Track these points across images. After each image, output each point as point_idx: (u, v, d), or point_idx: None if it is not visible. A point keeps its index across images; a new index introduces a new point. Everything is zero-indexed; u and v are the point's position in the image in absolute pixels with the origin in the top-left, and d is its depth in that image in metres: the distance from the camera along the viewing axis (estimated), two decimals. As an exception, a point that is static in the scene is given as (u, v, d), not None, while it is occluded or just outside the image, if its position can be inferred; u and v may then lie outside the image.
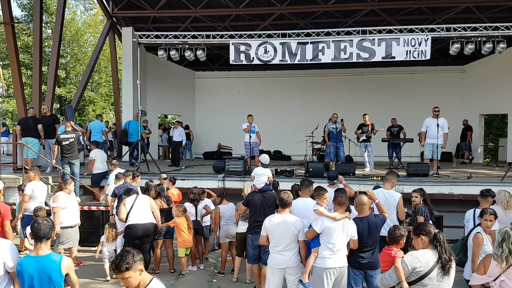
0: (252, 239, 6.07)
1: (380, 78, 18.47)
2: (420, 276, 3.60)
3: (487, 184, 9.72)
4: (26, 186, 7.89)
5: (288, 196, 5.13)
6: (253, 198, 6.11)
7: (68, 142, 9.54)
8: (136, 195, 6.98)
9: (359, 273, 4.93)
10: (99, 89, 30.86)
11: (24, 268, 3.59)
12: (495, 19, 13.08)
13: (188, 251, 7.20)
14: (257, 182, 6.14)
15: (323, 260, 4.71)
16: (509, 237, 3.62)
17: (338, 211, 4.83)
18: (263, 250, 5.98)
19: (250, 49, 11.37)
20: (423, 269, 3.59)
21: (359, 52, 10.97)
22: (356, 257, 4.88)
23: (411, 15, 15.12)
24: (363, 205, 4.95)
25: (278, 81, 19.29)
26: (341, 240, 4.73)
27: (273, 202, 6.03)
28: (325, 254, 4.70)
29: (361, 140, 12.45)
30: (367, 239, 4.87)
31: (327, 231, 4.69)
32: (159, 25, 16.80)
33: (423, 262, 3.61)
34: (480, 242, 4.73)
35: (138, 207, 6.82)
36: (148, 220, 6.81)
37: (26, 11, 27.12)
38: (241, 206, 6.30)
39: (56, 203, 7.16)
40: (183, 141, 14.58)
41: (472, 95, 17.45)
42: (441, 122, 10.55)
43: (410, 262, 3.64)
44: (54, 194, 7.58)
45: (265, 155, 8.32)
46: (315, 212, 4.90)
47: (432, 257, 3.62)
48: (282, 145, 18.53)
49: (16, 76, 12.46)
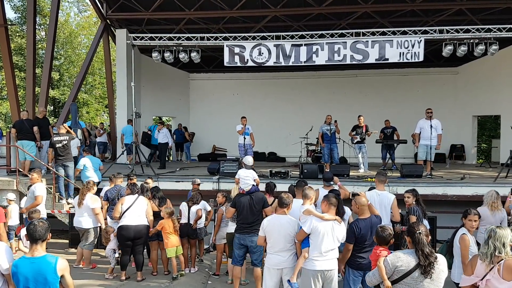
0: (239, 238, 5.98)
1: (373, 80, 18.56)
2: (403, 275, 3.63)
3: (481, 185, 9.85)
4: (36, 188, 7.98)
5: (288, 196, 5.14)
6: (240, 200, 6.05)
7: (61, 144, 9.51)
8: (137, 195, 6.99)
9: (359, 274, 4.93)
10: (93, 91, 30.74)
11: (20, 269, 3.59)
12: (487, 21, 13.18)
13: (178, 252, 7.13)
14: (244, 185, 6.12)
15: (311, 262, 4.71)
16: (495, 234, 3.65)
17: (329, 212, 4.82)
18: (252, 250, 5.95)
19: (244, 51, 11.40)
20: (405, 268, 3.62)
21: (352, 54, 11.04)
22: (356, 258, 4.88)
23: (404, 17, 15.24)
24: (364, 206, 4.97)
25: (273, 83, 19.34)
26: (330, 242, 4.71)
27: (261, 203, 6.01)
28: (314, 255, 4.70)
29: (355, 142, 12.51)
30: (368, 240, 4.88)
31: (315, 231, 4.69)
32: (153, 27, 16.80)
33: (404, 262, 3.63)
34: (467, 244, 4.67)
35: (135, 208, 6.85)
36: (141, 222, 6.84)
37: (20, 13, 26.98)
38: (229, 209, 6.25)
39: (96, 204, 7.71)
40: (169, 143, 14.35)
41: (465, 96, 17.58)
42: (434, 124, 10.62)
43: (392, 260, 3.69)
44: (87, 196, 7.75)
45: (249, 157, 8.27)
46: (304, 213, 4.92)
47: (414, 257, 3.64)
48: (277, 147, 18.59)
49: (9, 78, 12.41)
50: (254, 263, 5.98)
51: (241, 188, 6.27)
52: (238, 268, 6.13)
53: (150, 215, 7.01)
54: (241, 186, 6.17)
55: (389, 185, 9.40)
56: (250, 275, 6.70)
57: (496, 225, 3.80)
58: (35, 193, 7.92)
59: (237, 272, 6.15)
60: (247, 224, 5.90)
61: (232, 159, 11.77)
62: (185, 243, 7.44)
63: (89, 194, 7.77)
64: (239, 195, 6.23)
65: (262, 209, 6.00)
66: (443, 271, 3.66)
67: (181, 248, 7.16)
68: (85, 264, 7.72)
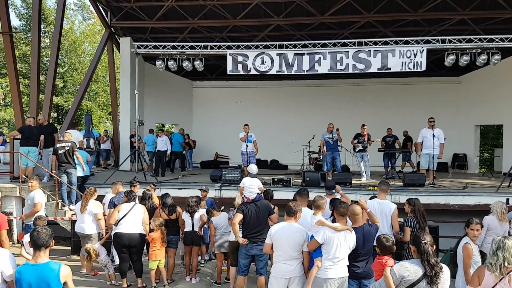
0: (247, 248, 5.89)
1: (376, 88, 18.61)
2: (409, 285, 3.63)
3: (483, 195, 9.83)
4: (35, 195, 8.02)
5: (295, 205, 5.13)
6: (246, 209, 5.95)
7: (63, 151, 9.58)
8: (134, 203, 7.00)
9: (354, 282, 4.92)
10: (97, 99, 30.89)
11: (23, 276, 3.60)
12: (489, 31, 13.26)
13: (161, 265, 7.05)
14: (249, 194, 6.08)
15: (324, 271, 4.70)
16: (504, 245, 3.63)
17: (340, 222, 4.82)
18: (258, 258, 5.91)
19: (247, 60, 11.47)
20: (412, 278, 3.62)
21: (355, 63, 11.08)
22: (351, 267, 4.87)
23: (407, 27, 15.30)
24: (356, 215, 4.96)
25: (275, 91, 19.42)
26: (343, 251, 4.72)
27: (267, 210, 5.98)
28: (326, 264, 4.69)
29: (357, 150, 12.52)
30: (362, 249, 4.88)
31: (328, 242, 4.69)
32: (157, 35, 16.92)
33: (411, 272, 3.63)
34: (470, 253, 4.67)
35: (131, 216, 6.85)
36: (136, 230, 6.84)
37: (24, 20, 27.23)
38: (237, 215, 6.20)
39: (99, 210, 7.74)
40: (168, 150, 14.32)
41: (467, 106, 17.60)
42: (437, 133, 10.63)
43: (399, 270, 3.69)
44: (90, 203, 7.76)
45: (253, 165, 8.26)
46: (316, 224, 4.89)
47: (421, 267, 3.64)
48: (279, 155, 18.61)
49: (14, 85, 12.49)
50: (260, 271, 5.92)
51: (246, 197, 6.26)
52: (242, 277, 6.07)
53: (146, 223, 6.96)
54: (246, 195, 6.15)
55: (391, 194, 9.41)
56: (250, 283, 6.66)
57: (503, 236, 3.78)
58: (34, 200, 7.96)
59: (240, 282, 6.09)
60: (255, 232, 5.83)
61: (235, 166, 11.78)
62: (188, 251, 7.42)
63: (92, 199, 7.80)
64: (245, 203, 6.18)
65: (268, 216, 5.99)
66: (447, 281, 3.67)
67: (163, 262, 7.07)
68: (87, 270, 7.73)
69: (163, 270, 7.10)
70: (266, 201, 6.33)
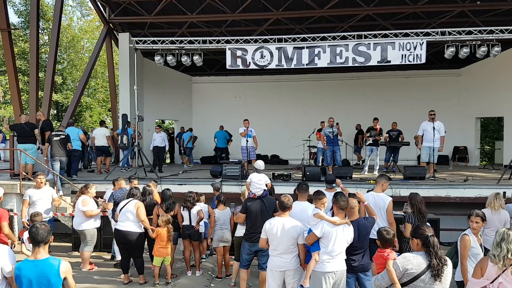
0: (250, 246, 5.95)
1: (376, 82, 18.56)
2: (412, 278, 3.61)
3: (484, 187, 9.82)
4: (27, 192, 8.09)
5: (288, 200, 5.12)
6: (252, 205, 5.95)
7: (59, 138, 9.72)
8: (131, 199, 6.99)
9: (351, 275, 4.94)
10: (96, 95, 30.85)
11: (23, 272, 3.60)
12: (489, 23, 13.21)
13: (167, 262, 7.04)
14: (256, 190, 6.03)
15: (322, 264, 4.70)
16: (508, 236, 3.62)
17: (338, 215, 4.81)
18: (260, 254, 5.95)
19: (247, 54, 11.43)
20: (415, 270, 3.60)
21: (354, 56, 11.04)
22: (347, 260, 4.86)
23: (406, 20, 15.23)
24: (352, 209, 4.96)
25: (275, 86, 19.37)
26: (341, 245, 4.72)
27: (273, 208, 5.92)
28: (324, 258, 4.69)
29: (368, 144, 12.61)
30: (357, 242, 4.88)
31: (326, 235, 4.68)
32: (156, 30, 16.85)
33: (415, 264, 3.62)
34: (467, 244, 4.72)
35: (123, 212, 6.86)
36: (127, 227, 6.81)
37: (23, 17, 27.14)
38: (240, 215, 6.15)
39: (87, 207, 7.69)
40: (166, 147, 14.32)
41: (468, 98, 17.56)
42: (437, 126, 10.61)
43: (402, 263, 3.67)
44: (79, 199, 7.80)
45: (260, 161, 8.22)
46: (315, 216, 4.88)
47: (424, 260, 3.62)
48: (279, 149, 18.61)
49: (13, 82, 12.46)
50: (262, 266, 5.94)
51: (252, 193, 6.23)
52: (245, 271, 6.19)
53: (142, 219, 6.85)
54: (253, 191, 6.12)
55: (392, 187, 9.40)
56: (252, 277, 6.74)
57: (507, 228, 3.77)
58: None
59: (244, 275, 6.20)
60: (259, 232, 5.81)
61: (235, 161, 11.78)
62: (187, 246, 7.42)
63: (82, 196, 7.78)
64: (250, 199, 6.15)
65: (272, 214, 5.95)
66: (450, 273, 3.67)
67: (169, 259, 7.05)
68: (84, 265, 7.74)
69: (168, 267, 7.09)
70: (272, 198, 6.32)
